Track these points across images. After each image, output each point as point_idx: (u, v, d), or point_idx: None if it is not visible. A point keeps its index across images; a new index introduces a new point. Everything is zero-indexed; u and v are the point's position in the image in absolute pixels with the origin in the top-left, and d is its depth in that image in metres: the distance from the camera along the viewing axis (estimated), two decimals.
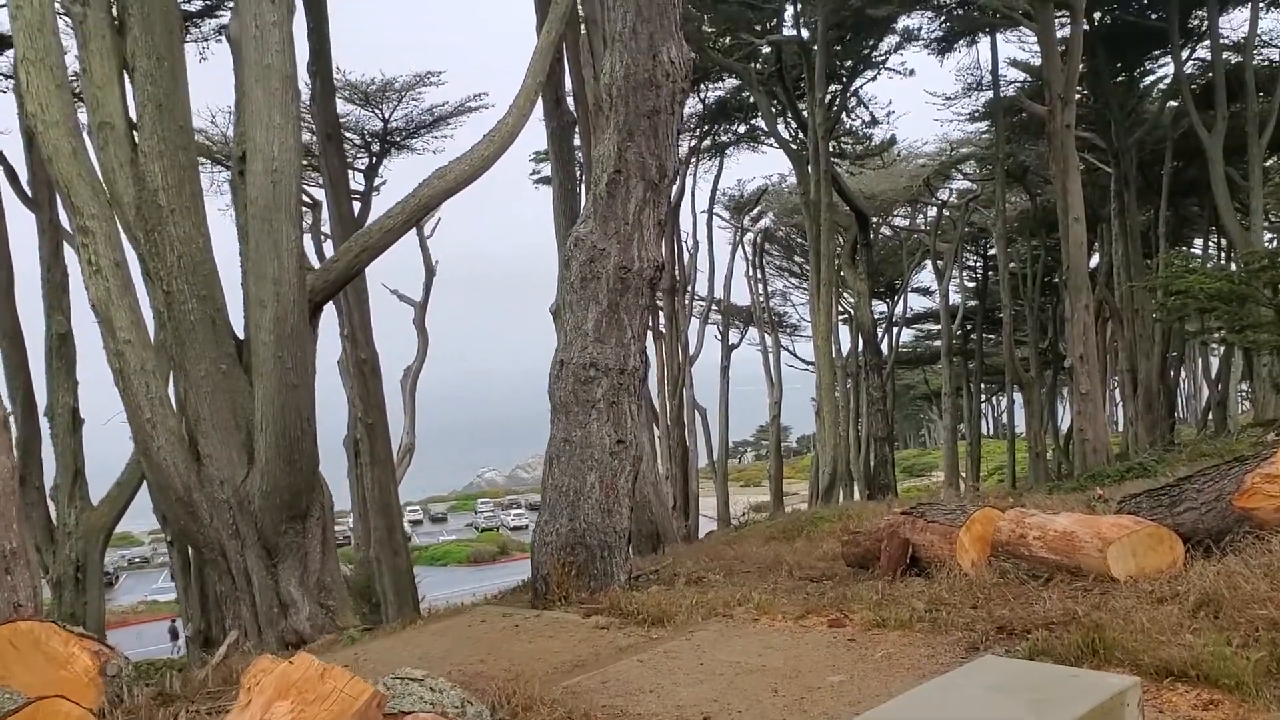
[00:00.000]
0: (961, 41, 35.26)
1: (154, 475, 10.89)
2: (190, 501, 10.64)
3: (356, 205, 36.46)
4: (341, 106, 35.06)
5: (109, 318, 10.39)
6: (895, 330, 56.52)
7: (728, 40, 32.58)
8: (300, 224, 10.98)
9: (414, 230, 39.09)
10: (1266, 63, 33.26)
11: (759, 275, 51.07)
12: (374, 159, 35.64)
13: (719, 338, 53.43)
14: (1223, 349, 44.75)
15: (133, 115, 10.71)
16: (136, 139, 10.59)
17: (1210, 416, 45.40)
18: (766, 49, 32.99)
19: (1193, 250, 44.70)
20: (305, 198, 35.08)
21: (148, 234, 10.38)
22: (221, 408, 10.50)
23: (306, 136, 26.55)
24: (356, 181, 36.45)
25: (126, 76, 10.79)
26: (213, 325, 10.56)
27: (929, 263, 51.70)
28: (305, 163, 31.58)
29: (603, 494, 7.65)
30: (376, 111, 34.56)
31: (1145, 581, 5.75)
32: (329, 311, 21.14)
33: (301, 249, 10.86)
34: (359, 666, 6.08)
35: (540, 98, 22.03)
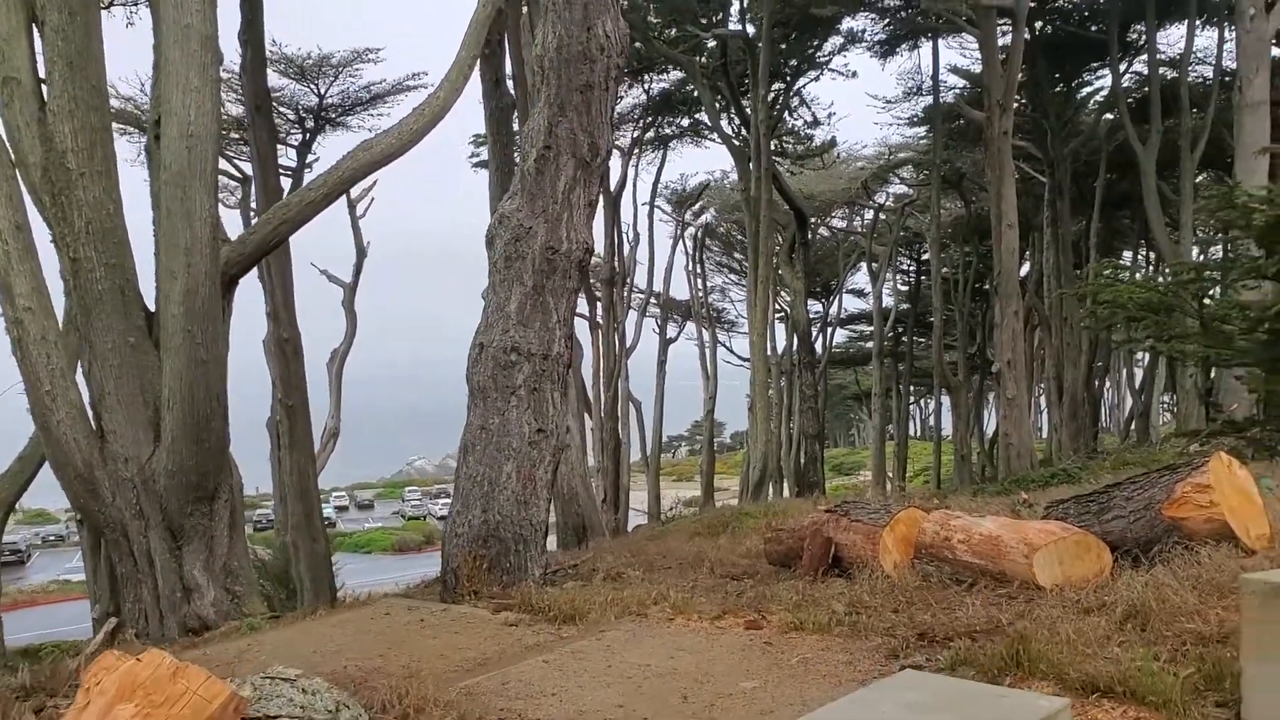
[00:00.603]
0: (904, 45, 35.43)
1: (52, 450, 10.40)
2: (91, 479, 10.18)
3: (288, 181, 35.62)
4: (275, 80, 34.23)
5: (8, 284, 9.91)
6: (829, 330, 56.87)
7: (673, 32, 32.32)
8: (216, 193, 10.52)
9: (346, 210, 38.45)
10: (1200, 79, 33.84)
11: (698, 270, 50.99)
12: (308, 135, 34.82)
13: (657, 331, 53.30)
14: (1146, 360, 45.59)
15: (42, 72, 10.21)
16: (45, 97, 10.09)
17: (1133, 426, 46.27)
18: (712, 43, 32.83)
19: (1122, 262, 45.44)
20: (235, 171, 34.18)
21: (54, 197, 9.89)
22: (128, 382, 10.06)
23: (238, 109, 25.86)
24: (288, 157, 35.62)
25: (36, 31, 10.29)
26: (122, 296, 10.11)
27: (864, 265, 52.03)
28: (235, 135, 30.79)
29: (520, 485, 7.34)
30: (312, 86, 33.75)
31: (1071, 590, 5.60)
32: (255, 289, 20.62)
33: (216, 219, 10.40)
34: (248, 658, 5.73)
35: (480, 79, 21.67)
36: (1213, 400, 19.64)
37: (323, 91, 33.84)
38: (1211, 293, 17.45)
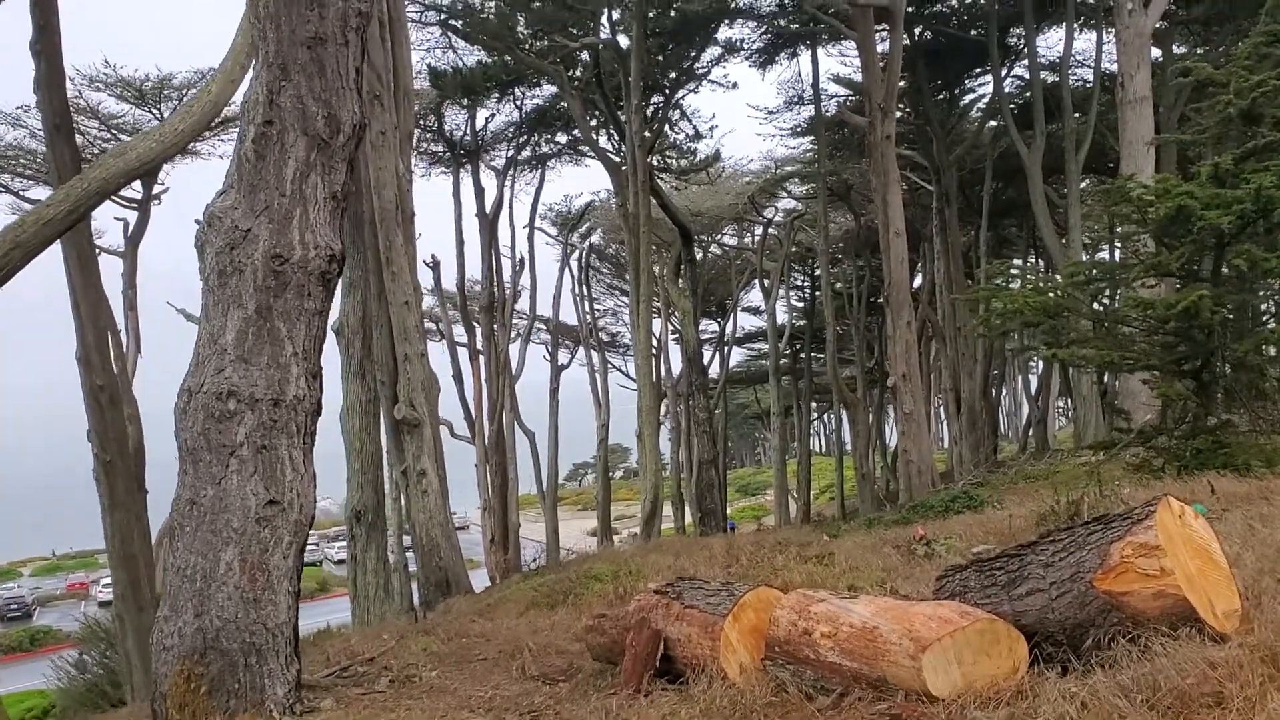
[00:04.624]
0: (783, 54, 34.48)
1: None
2: None
3: (133, 215, 33.06)
4: (114, 106, 31.76)
5: None
6: (726, 350, 55.63)
7: (543, 43, 30.65)
8: None
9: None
10: (1081, 82, 33.51)
11: (585, 292, 49.24)
12: None
13: (547, 358, 51.35)
14: (1041, 366, 45.28)
15: None
16: None
17: (1031, 433, 45.87)
18: (585, 56, 31.30)
19: (1014, 263, 45.23)
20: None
21: None
22: None
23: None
24: (134, 188, 32.97)
25: None
26: None
27: (757, 282, 50.99)
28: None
29: (245, 577, 5.43)
30: (155, 111, 31.23)
31: (976, 704, 3.94)
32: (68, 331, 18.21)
33: None
34: None
35: None
36: (1116, 406, 18.55)
37: (166, 116, 31.28)
38: (1106, 294, 16.43)
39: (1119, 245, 30.57)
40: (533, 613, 8.78)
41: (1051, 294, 15.49)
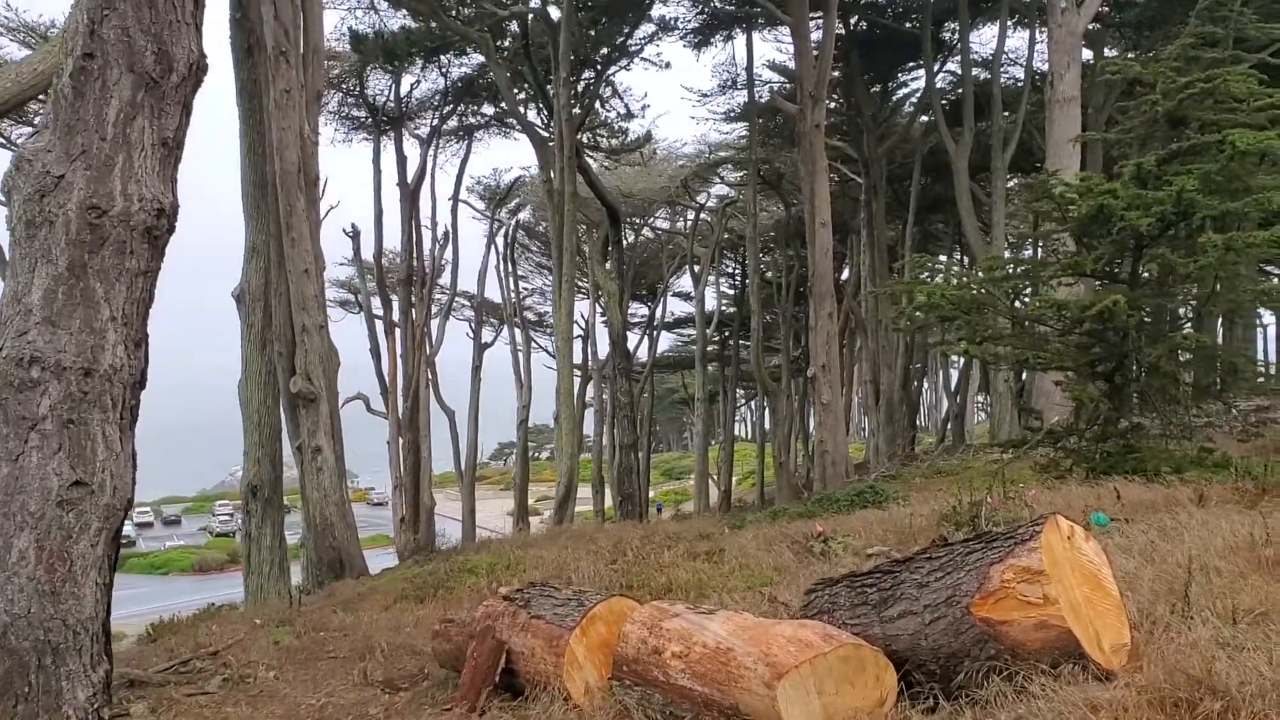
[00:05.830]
0: (718, 36, 34.03)
1: None
2: None
3: None
4: (17, 53, 30.15)
5: None
6: (655, 334, 55.23)
7: (472, 11, 29.78)
8: None
9: None
10: (1012, 80, 33.62)
11: (510, 269, 48.41)
12: None
13: (471, 336, 50.39)
14: (962, 362, 45.63)
15: None
16: None
17: (949, 428, 46.22)
18: (515, 26, 30.51)
19: (939, 258, 45.46)
20: None
21: None
22: None
23: None
24: None
25: None
26: None
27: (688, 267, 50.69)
28: None
29: (42, 566, 4.80)
30: None
31: None
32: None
33: None
34: None
35: (230, 45, 18.88)
36: (1027, 405, 18.48)
37: None
38: (1025, 292, 16.26)
39: (1041, 244, 30.74)
40: (399, 606, 8.22)
41: (971, 289, 15.27)
